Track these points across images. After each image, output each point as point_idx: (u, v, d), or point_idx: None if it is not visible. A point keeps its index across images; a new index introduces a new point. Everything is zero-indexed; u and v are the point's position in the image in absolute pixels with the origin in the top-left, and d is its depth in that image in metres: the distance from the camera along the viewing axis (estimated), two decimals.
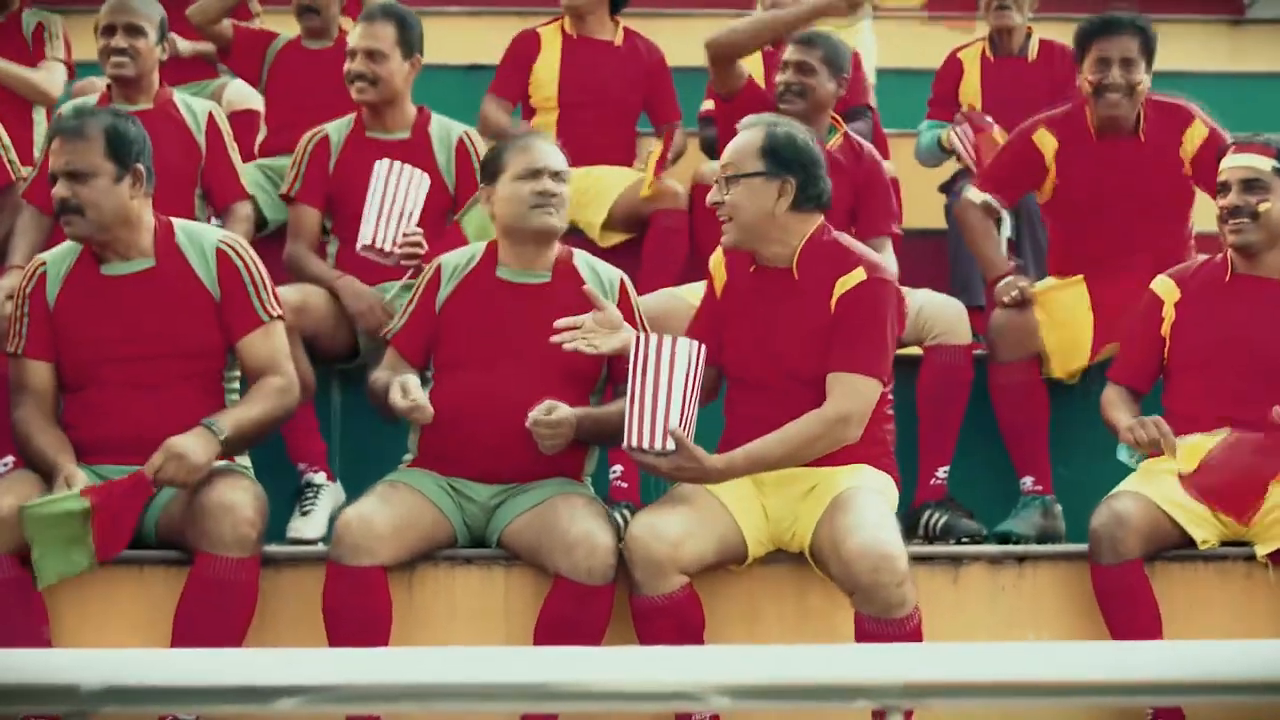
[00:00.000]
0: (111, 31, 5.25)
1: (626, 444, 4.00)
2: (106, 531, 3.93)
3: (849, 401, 4.05)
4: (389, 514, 4.11)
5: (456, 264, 4.38)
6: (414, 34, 5.23)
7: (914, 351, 4.90)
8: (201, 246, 4.26)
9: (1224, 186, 4.55)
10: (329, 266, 5.10)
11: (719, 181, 4.19)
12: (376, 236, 4.73)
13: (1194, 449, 4.36)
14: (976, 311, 5.61)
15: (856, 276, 4.11)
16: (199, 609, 4.02)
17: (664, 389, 3.94)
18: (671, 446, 3.96)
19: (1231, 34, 8.85)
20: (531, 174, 4.30)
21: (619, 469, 4.90)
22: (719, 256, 4.34)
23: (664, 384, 3.93)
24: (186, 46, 6.32)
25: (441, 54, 6.56)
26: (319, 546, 4.35)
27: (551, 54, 6.13)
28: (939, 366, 4.86)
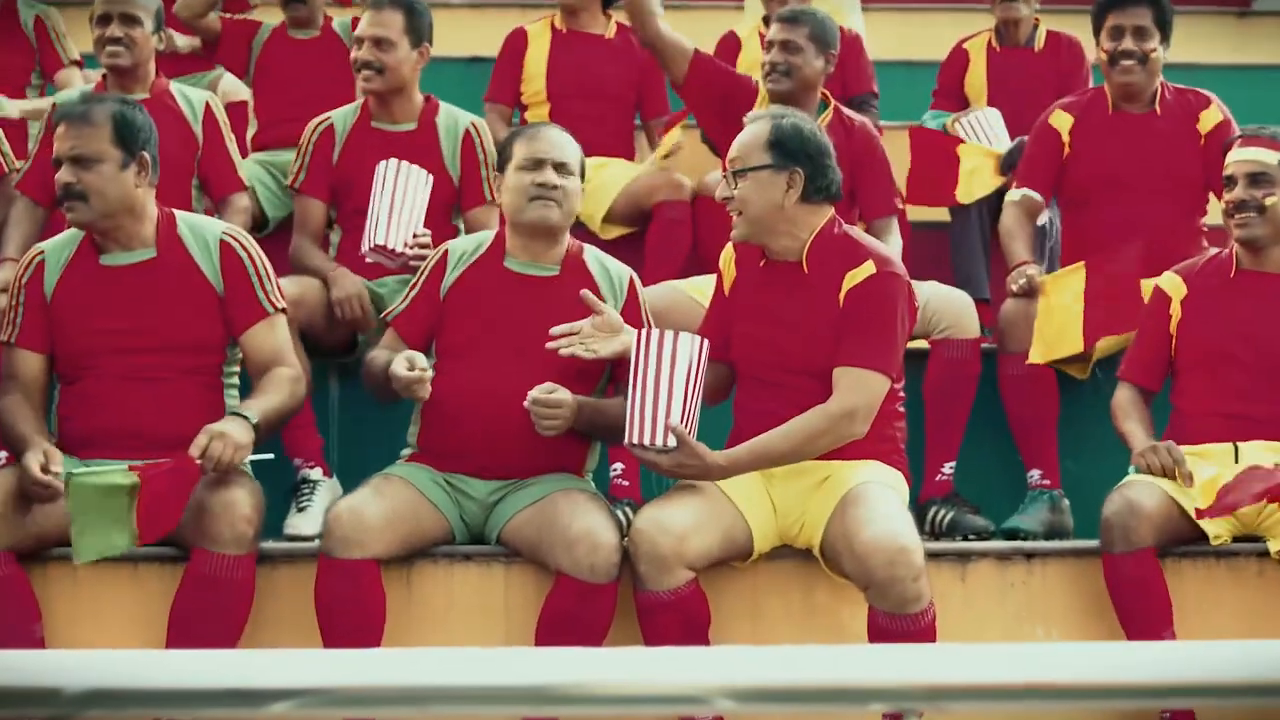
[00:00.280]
0: (107, 21, 5.21)
1: (627, 440, 3.96)
2: (150, 512, 3.86)
3: (855, 396, 4.00)
4: (380, 506, 4.07)
5: (464, 250, 4.32)
6: (423, 23, 5.17)
7: (921, 345, 4.85)
8: (205, 239, 4.22)
9: (1230, 180, 4.52)
10: (328, 259, 5.03)
11: (726, 176, 4.14)
12: (389, 237, 4.66)
13: (1209, 485, 4.28)
14: (982, 305, 5.57)
15: (865, 270, 4.05)
16: (195, 607, 3.98)
17: (665, 384, 3.90)
18: (673, 443, 3.92)
19: (1238, 26, 8.87)
20: (533, 164, 4.23)
21: (619, 466, 4.85)
22: (729, 253, 4.29)
23: (665, 379, 3.90)
24: (184, 43, 6.27)
25: (443, 46, 6.40)
26: (316, 543, 4.28)
27: (539, 49, 6.12)
28: (945, 361, 4.81)
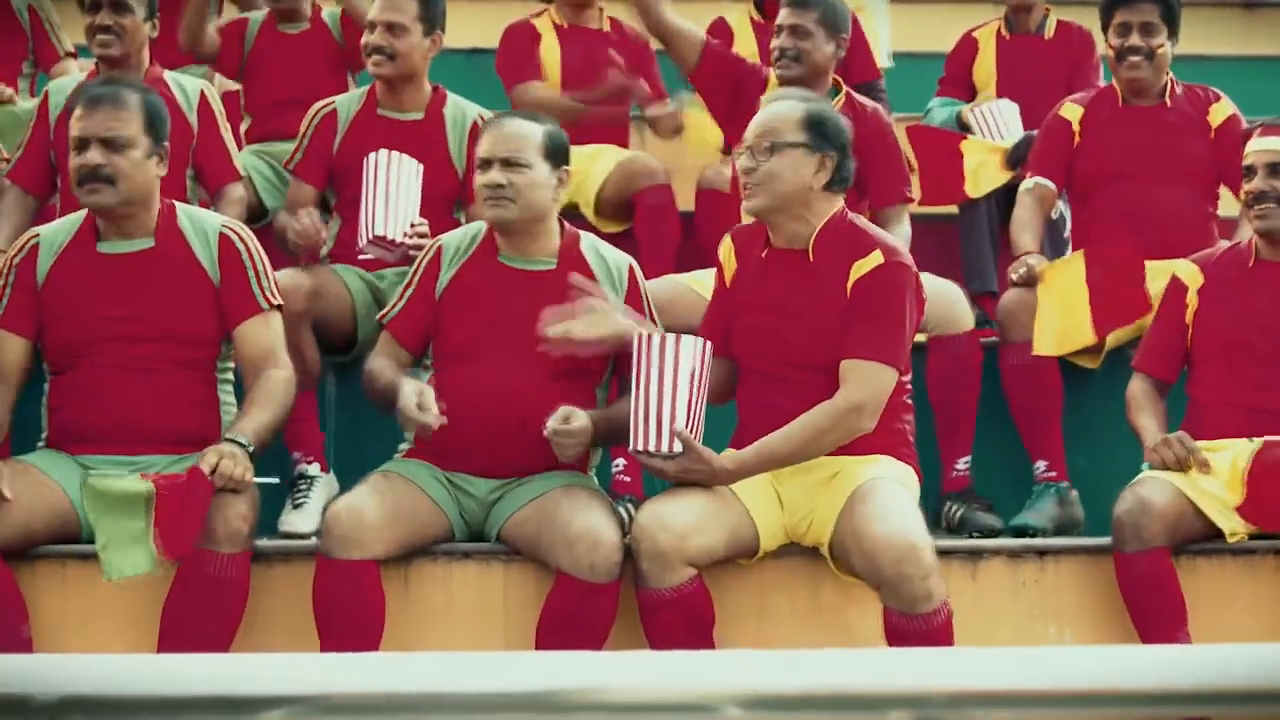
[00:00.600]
0: (97, 8, 5.15)
1: (632, 446, 3.92)
2: (170, 529, 3.81)
3: (862, 390, 3.93)
4: (380, 505, 4.00)
5: (458, 245, 4.26)
6: (437, 10, 5.10)
7: (920, 337, 4.77)
8: (204, 230, 4.18)
9: (1249, 170, 4.51)
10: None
11: (749, 149, 4.03)
12: (388, 227, 4.58)
13: (1235, 475, 4.22)
14: (989, 297, 5.59)
15: (873, 260, 3.98)
16: (188, 607, 3.91)
17: (669, 389, 3.85)
18: (678, 449, 3.88)
19: (1244, 18, 8.80)
20: (482, 164, 4.18)
21: (621, 463, 4.79)
22: (728, 245, 4.21)
23: (669, 384, 3.85)
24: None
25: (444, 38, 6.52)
26: (313, 541, 4.22)
27: (550, 43, 6.07)
28: (944, 358, 4.78)
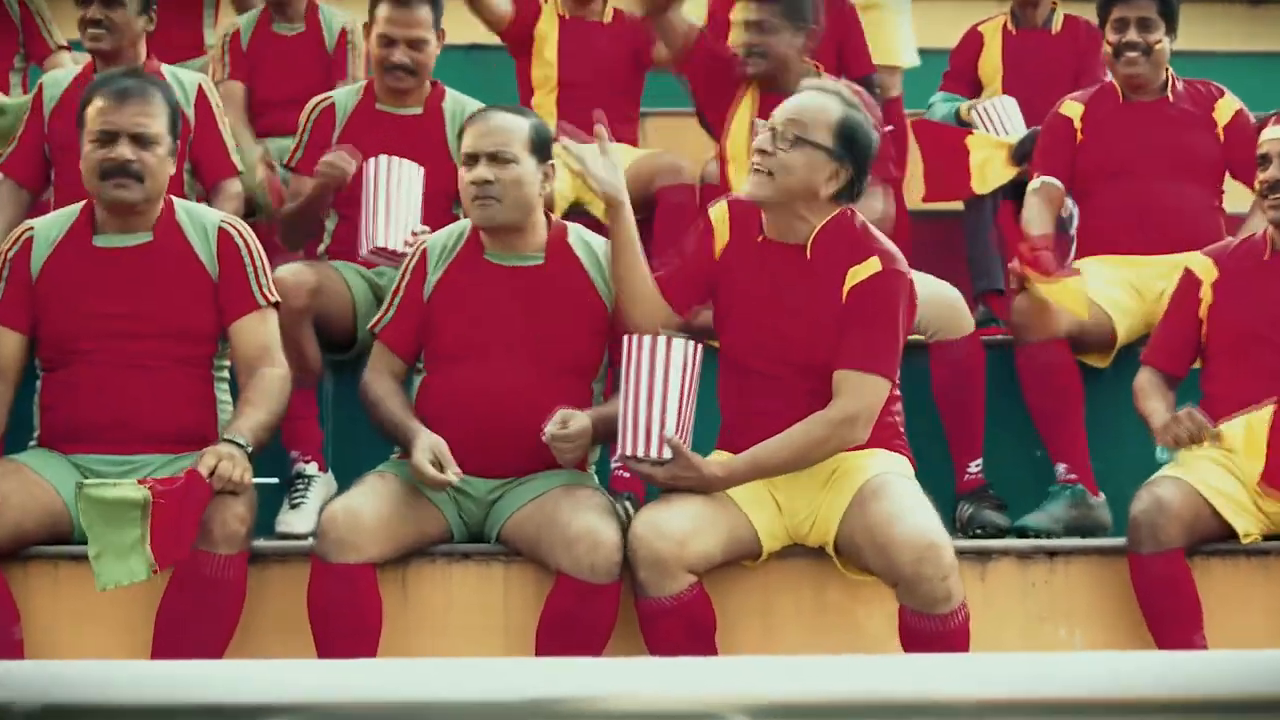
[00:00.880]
0: (88, 1, 5.11)
1: (620, 453, 3.89)
2: (165, 535, 3.75)
3: (856, 402, 3.89)
4: (377, 507, 3.95)
5: (443, 245, 4.21)
6: (441, 9, 5.08)
7: (917, 337, 4.75)
8: (203, 225, 4.15)
9: (1264, 159, 4.48)
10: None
11: (773, 129, 3.94)
12: (389, 238, 4.52)
13: (1252, 445, 4.17)
14: (996, 295, 5.57)
15: (870, 267, 3.93)
16: (184, 609, 3.87)
17: (659, 394, 3.82)
18: (668, 455, 3.84)
19: (1250, 15, 8.79)
20: (468, 159, 4.13)
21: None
22: (724, 212, 4.10)
23: (659, 388, 3.81)
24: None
25: None
26: (309, 542, 4.17)
27: (549, 30, 5.99)
28: (947, 363, 4.74)
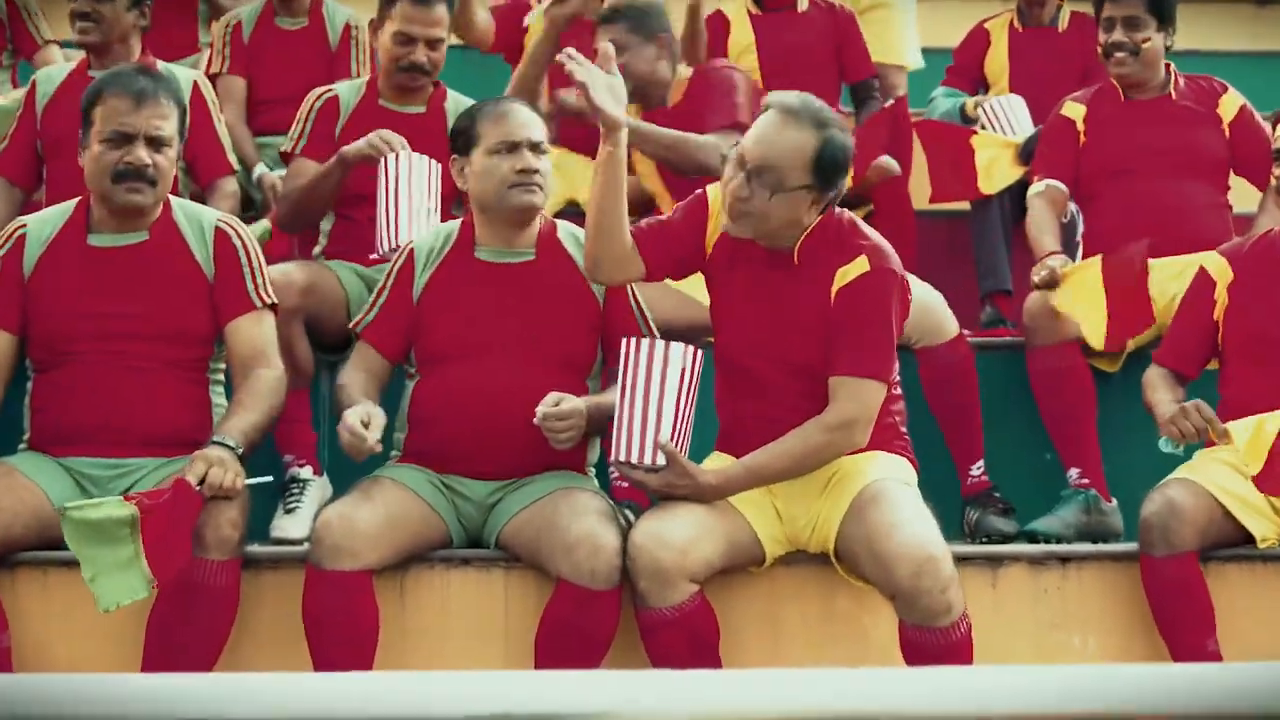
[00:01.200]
0: None
1: (614, 457, 3.82)
2: (159, 549, 3.69)
3: (853, 407, 3.82)
4: (373, 512, 3.90)
5: (431, 247, 4.17)
6: (453, 7, 5.07)
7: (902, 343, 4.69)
8: (200, 224, 4.11)
9: (1279, 155, 4.41)
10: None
11: (747, 173, 3.81)
12: (410, 235, 4.42)
13: (1256, 444, 4.11)
14: (1004, 296, 5.54)
15: (858, 267, 3.85)
16: (175, 616, 3.81)
17: (655, 399, 3.75)
18: (662, 462, 3.77)
19: (1256, 15, 8.82)
20: (510, 147, 4.10)
21: None
22: (718, 196, 3.96)
23: (655, 393, 3.75)
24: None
25: None
26: (305, 547, 4.11)
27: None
28: (935, 368, 4.67)
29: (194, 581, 3.77)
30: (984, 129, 5.76)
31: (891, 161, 5.44)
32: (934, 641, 3.67)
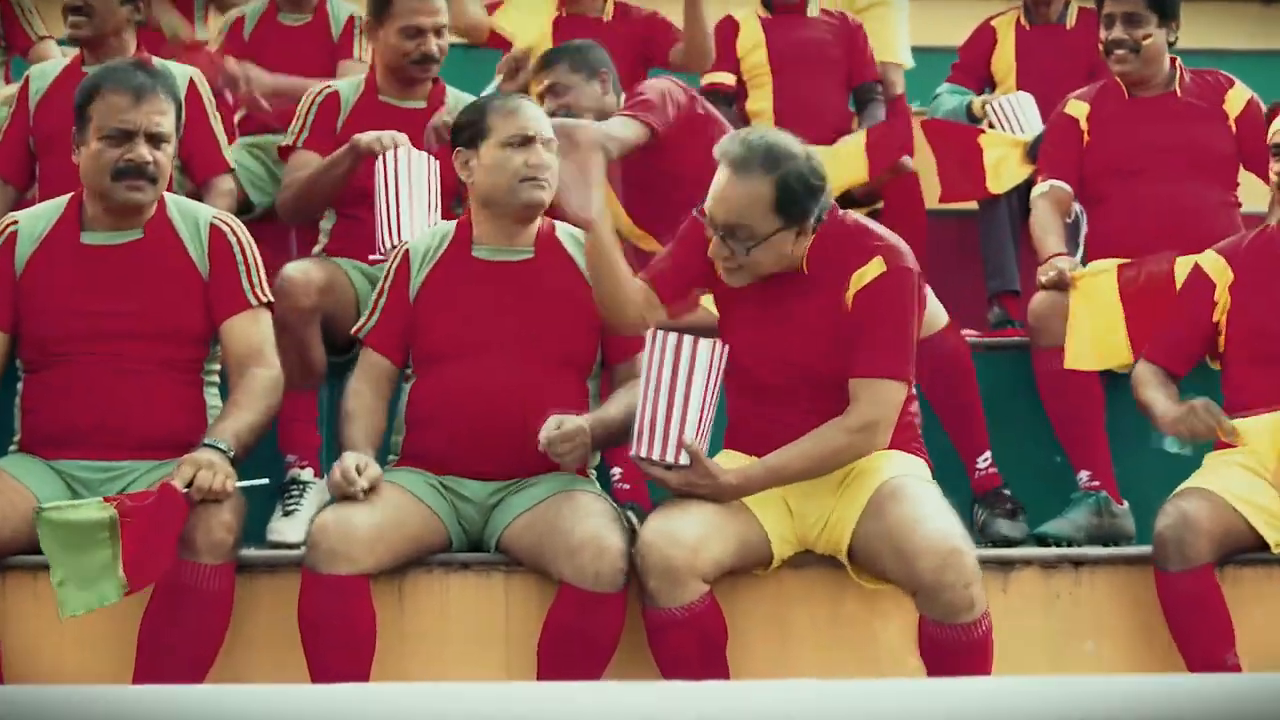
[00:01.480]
0: None
1: (634, 453, 3.78)
2: (139, 557, 3.64)
3: (874, 409, 3.80)
4: (371, 516, 3.86)
5: (426, 247, 4.16)
6: None
7: None
8: (195, 221, 4.07)
9: (1277, 150, 4.39)
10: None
11: (722, 238, 3.80)
12: (411, 232, 4.41)
13: (1275, 441, 4.01)
14: (1012, 296, 5.52)
15: (875, 269, 3.82)
16: (168, 621, 3.77)
17: (680, 395, 3.71)
18: (685, 460, 3.73)
19: (1262, 14, 8.79)
20: (522, 141, 4.10)
21: (619, 470, 4.63)
22: None
23: (680, 390, 3.71)
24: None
25: None
26: (301, 551, 4.06)
27: (547, 34, 5.96)
28: (929, 360, 4.55)
29: (186, 586, 3.73)
30: (992, 127, 5.74)
31: (909, 160, 5.43)
32: (955, 639, 3.63)
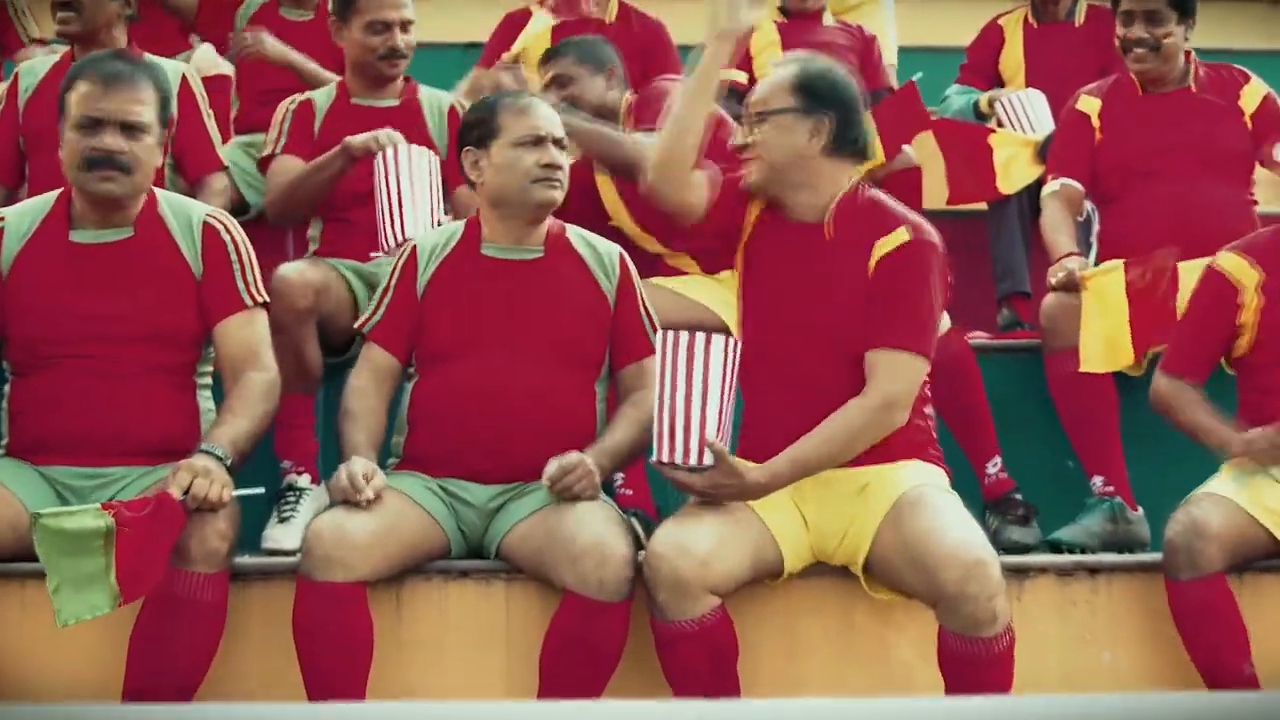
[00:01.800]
0: None
1: (656, 459, 3.70)
2: (133, 567, 3.56)
3: (893, 383, 3.73)
4: (367, 521, 3.78)
5: (434, 244, 4.11)
6: None
7: None
8: (188, 219, 3.99)
9: None
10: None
11: (745, 121, 3.88)
12: (415, 228, 4.38)
13: None
14: (1022, 298, 5.49)
15: (898, 238, 3.77)
16: (160, 630, 3.70)
17: (698, 395, 3.63)
18: (709, 461, 3.64)
19: (1269, 13, 8.76)
20: (535, 140, 4.06)
21: (620, 476, 4.54)
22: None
23: (697, 389, 3.63)
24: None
25: (439, 33, 6.56)
26: (297, 558, 3.99)
27: (544, 38, 5.94)
28: (934, 365, 4.50)
29: (179, 595, 3.66)
30: (1001, 125, 5.71)
31: (912, 153, 5.39)
32: (976, 652, 3.55)
